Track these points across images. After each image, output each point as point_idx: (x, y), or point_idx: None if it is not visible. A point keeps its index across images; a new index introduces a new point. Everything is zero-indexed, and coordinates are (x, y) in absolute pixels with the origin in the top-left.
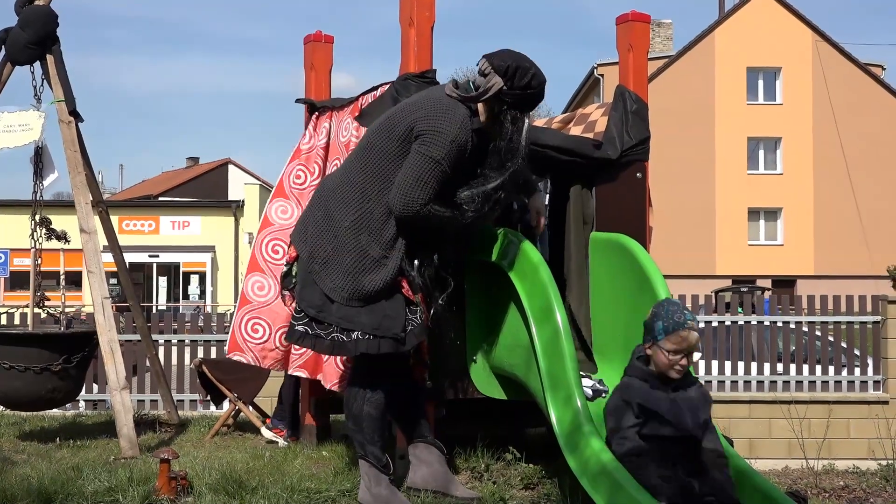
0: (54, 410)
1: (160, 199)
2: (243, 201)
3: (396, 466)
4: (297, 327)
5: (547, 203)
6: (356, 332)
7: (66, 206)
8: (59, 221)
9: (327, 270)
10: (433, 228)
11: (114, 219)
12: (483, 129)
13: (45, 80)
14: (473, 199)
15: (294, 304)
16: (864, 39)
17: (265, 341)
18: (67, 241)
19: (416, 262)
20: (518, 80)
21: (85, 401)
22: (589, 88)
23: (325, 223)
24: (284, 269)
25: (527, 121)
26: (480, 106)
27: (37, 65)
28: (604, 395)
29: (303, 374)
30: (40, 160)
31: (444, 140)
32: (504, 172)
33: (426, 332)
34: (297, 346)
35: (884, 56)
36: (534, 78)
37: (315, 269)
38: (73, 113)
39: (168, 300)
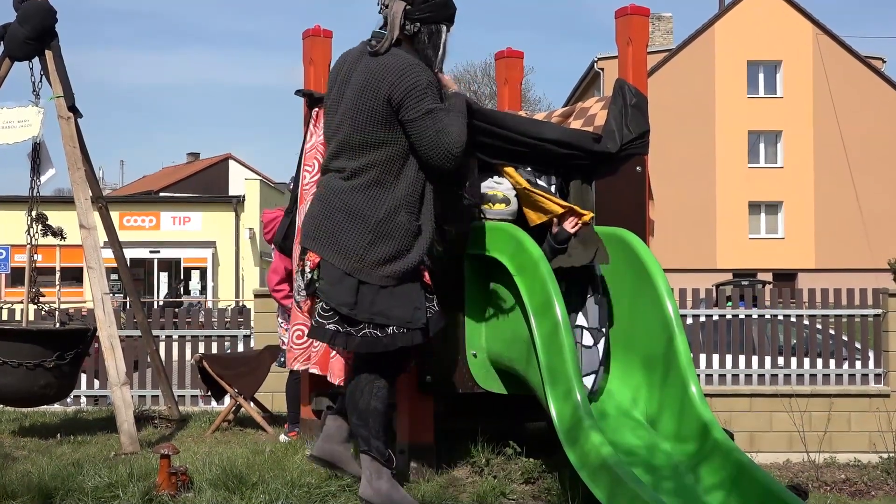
0: (55, 406)
1: (161, 194)
2: (244, 197)
3: (398, 461)
4: (327, 326)
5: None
6: (391, 327)
7: (66, 202)
8: (60, 217)
9: (365, 262)
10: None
11: (115, 214)
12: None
13: (43, 76)
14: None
15: (321, 304)
16: (865, 32)
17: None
18: (63, 238)
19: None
20: None
21: (86, 396)
22: (589, 82)
23: (351, 223)
24: (308, 275)
25: (443, 33)
26: (405, 41)
27: (35, 60)
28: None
29: (316, 370)
30: (38, 156)
31: (422, 87)
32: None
33: (443, 319)
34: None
35: (884, 49)
36: None
37: (354, 266)
38: (73, 109)
39: (169, 296)
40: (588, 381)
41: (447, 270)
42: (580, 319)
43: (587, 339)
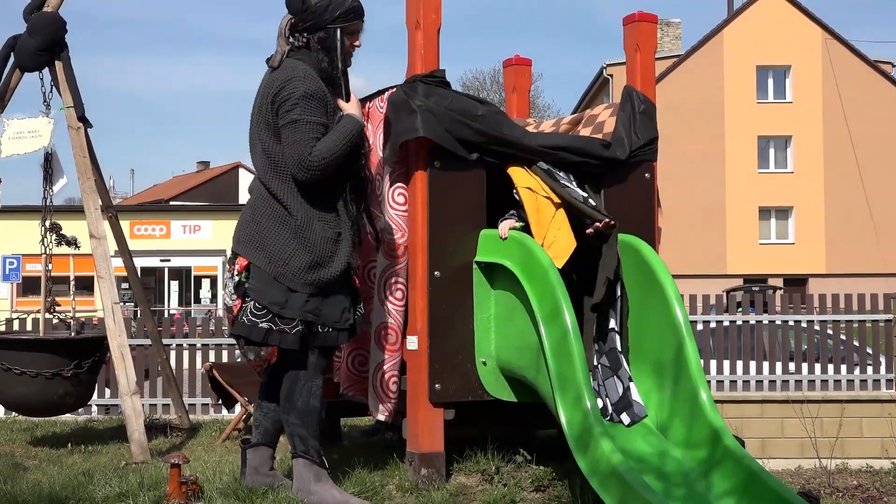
0: (66, 415)
1: (171, 203)
2: None
3: (409, 470)
4: (261, 325)
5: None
6: (318, 326)
7: (77, 211)
8: (71, 227)
9: (290, 268)
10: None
11: (125, 223)
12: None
13: (53, 87)
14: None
15: (252, 304)
16: (873, 36)
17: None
18: (77, 247)
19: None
20: (296, 3)
21: (97, 405)
22: (598, 89)
23: (278, 227)
24: (236, 278)
25: (335, 35)
26: (302, 51)
27: (46, 71)
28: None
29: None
30: (50, 166)
31: (295, 98)
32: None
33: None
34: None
35: (893, 53)
36: None
37: (279, 271)
38: (82, 119)
39: (180, 304)
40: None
41: (456, 278)
42: (612, 323)
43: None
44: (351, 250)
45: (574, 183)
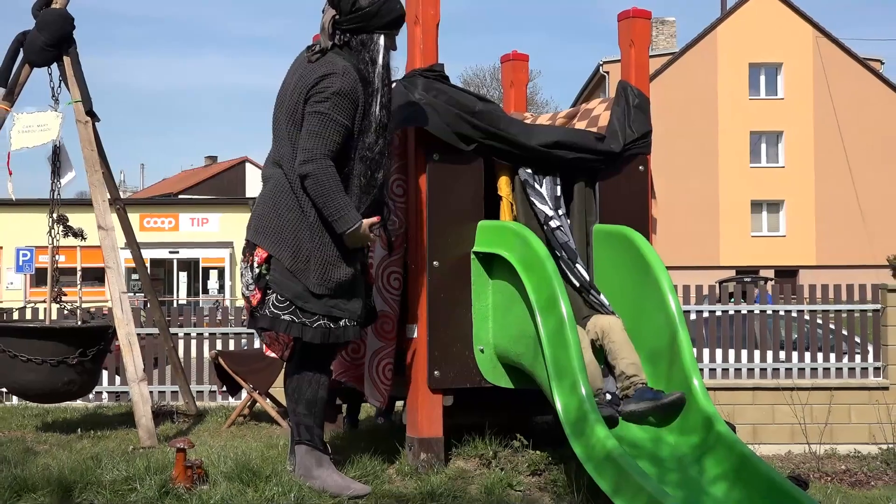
0: (77, 402)
1: (180, 196)
2: None
3: (408, 455)
4: (283, 317)
5: (559, 195)
6: (343, 320)
7: (86, 203)
8: (81, 219)
9: (310, 266)
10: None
11: (135, 216)
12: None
13: (62, 82)
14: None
15: (275, 296)
16: (863, 34)
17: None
18: (84, 238)
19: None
20: (346, 3)
21: (107, 392)
22: (595, 85)
23: (299, 222)
24: (255, 270)
25: (380, 44)
26: (342, 48)
27: (54, 66)
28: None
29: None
30: (58, 159)
31: (330, 91)
32: (369, 108)
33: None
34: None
35: (882, 50)
36: None
37: (299, 266)
38: (90, 113)
39: (188, 294)
40: None
41: (455, 268)
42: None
43: None
44: (362, 257)
45: (546, 192)
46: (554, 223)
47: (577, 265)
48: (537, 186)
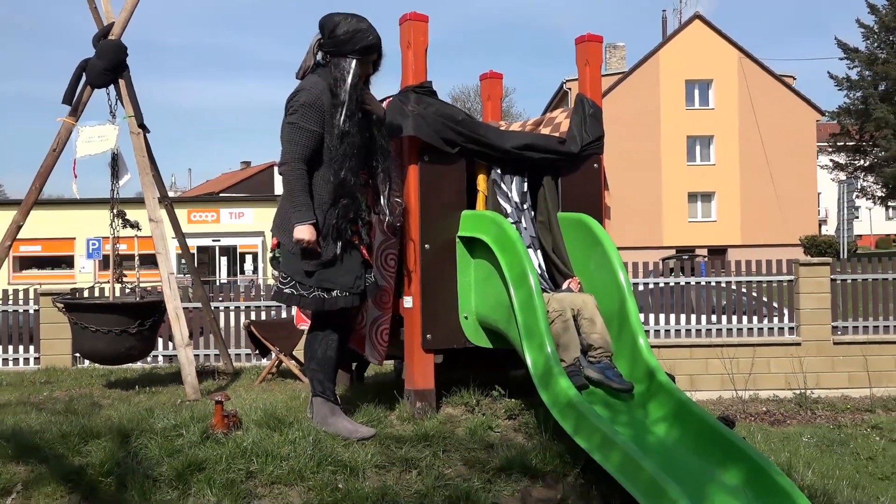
0: (136, 364)
1: (220, 195)
2: None
3: (408, 405)
4: (285, 290)
5: (526, 191)
6: (335, 291)
7: (142, 201)
8: (137, 214)
9: (302, 252)
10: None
11: (183, 212)
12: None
13: (118, 100)
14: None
15: (281, 274)
16: (779, 55)
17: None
18: (139, 229)
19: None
20: (327, 30)
21: (162, 356)
22: (560, 99)
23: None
24: (270, 255)
25: (350, 66)
26: (323, 67)
27: (111, 88)
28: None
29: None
30: (116, 164)
31: (298, 104)
32: (339, 114)
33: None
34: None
35: (795, 68)
36: (339, 26)
37: (295, 249)
38: (142, 126)
39: (228, 275)
40: None
41: (442, 250)
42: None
43: None
44: (342, 229)
45: (514, 188)
46: (510, 219)
47: (529, 250)
48: (504, 187)
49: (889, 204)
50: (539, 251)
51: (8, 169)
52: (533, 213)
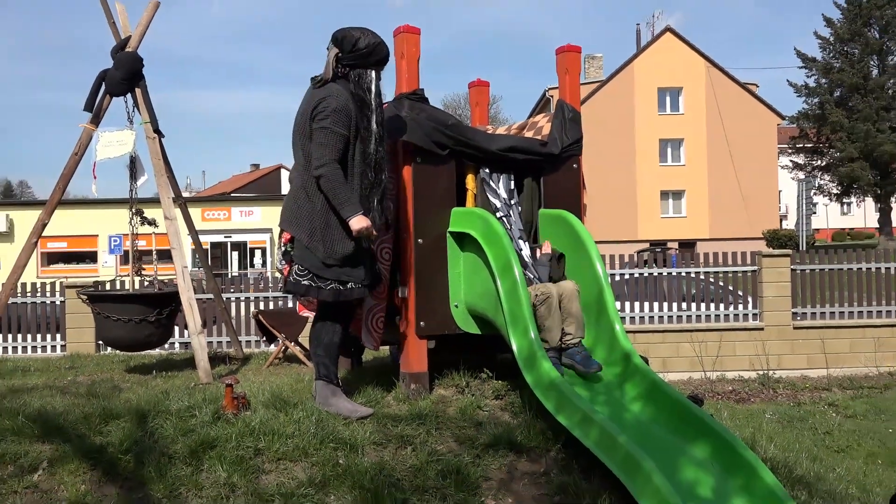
0: (154, 350)
1: (231, 195)
2: None
3: (403, 387)
4: (303, 282)
5: (513, 188)
6: (350, 283)
7: (158, 200)
8: (154, 212)
9: (320, 244)
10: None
11: (197, 210)
12: (356, 95)
13: (135, 107)
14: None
15: (297, 266)
16: (743, 64)
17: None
18: (156, 226)
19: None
20: (347, 45)
21: (179, 343)
22: (542, 106)
23: (310, 210)
24: (283, 248)
25: (371, 76)
26: (341, 78)
27: (128, 96)
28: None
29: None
30: (134, 167)
31: (330, 109)
32: (368, 124)
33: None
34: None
35: (758, 76)
36: (360, 40)
37: (313, 244)
38: (157, 131)
39: (239, 268)
40: None
41: (434, 244)
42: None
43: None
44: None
45: (502, 185)
46: (500, 214)
47: (519, 241)
48: (492, 184)
49: (844, 200)
50: (528, 242)
51: (35, 171)
52: (520, 208)
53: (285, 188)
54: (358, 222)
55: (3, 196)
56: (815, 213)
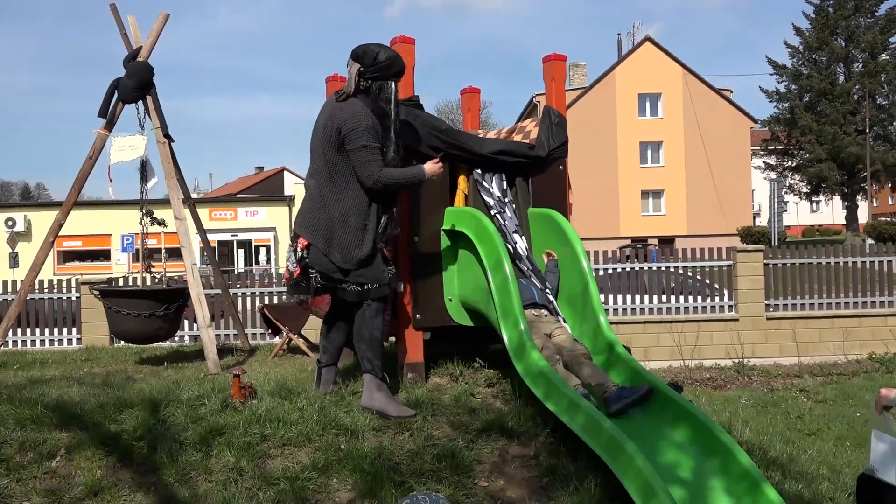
0: (165, 343)
1: (237, 196)
2: (294, 196)
3: (400, 376)
4: (321, 286)
5: (506, 186)
6: (367, 284)
7: (168, 201)
8: (164, 213)
9: (337, 249)
10: (389, 193)
11: (205, 211)
12: (377, 107)
13: (146, 114)
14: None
15: (318, 275)
16: (718, 71)
17: None
18: (165, 226)
19: (381, 223)
20: (368, 59)
21: (188, 336)
22: (530, 111)
23: (327, 219)
24: (299, 253)
25: (392, 88)
26: (361, 92)
27: (140, 103)
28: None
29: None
30: (145, 170)
31: (361, 129)
32: (388, 133)
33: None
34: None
35: (731, 83)
36: (380, 54)
37: (331, 250)
38: (167, 136)
39: (245, 265)
40: None
41: (429, 241)
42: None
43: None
44: (376, 234)
45: (495, 185)
46: (493, 211)
47: (514, 235)
48: (485, 184)
49: (813, 199)
50: (524, 237)
51: (51, 174)
52: (514, 205)
53: (288, 189)
54: (430, 172)
55: (22, 198)
56: (786, 210)
